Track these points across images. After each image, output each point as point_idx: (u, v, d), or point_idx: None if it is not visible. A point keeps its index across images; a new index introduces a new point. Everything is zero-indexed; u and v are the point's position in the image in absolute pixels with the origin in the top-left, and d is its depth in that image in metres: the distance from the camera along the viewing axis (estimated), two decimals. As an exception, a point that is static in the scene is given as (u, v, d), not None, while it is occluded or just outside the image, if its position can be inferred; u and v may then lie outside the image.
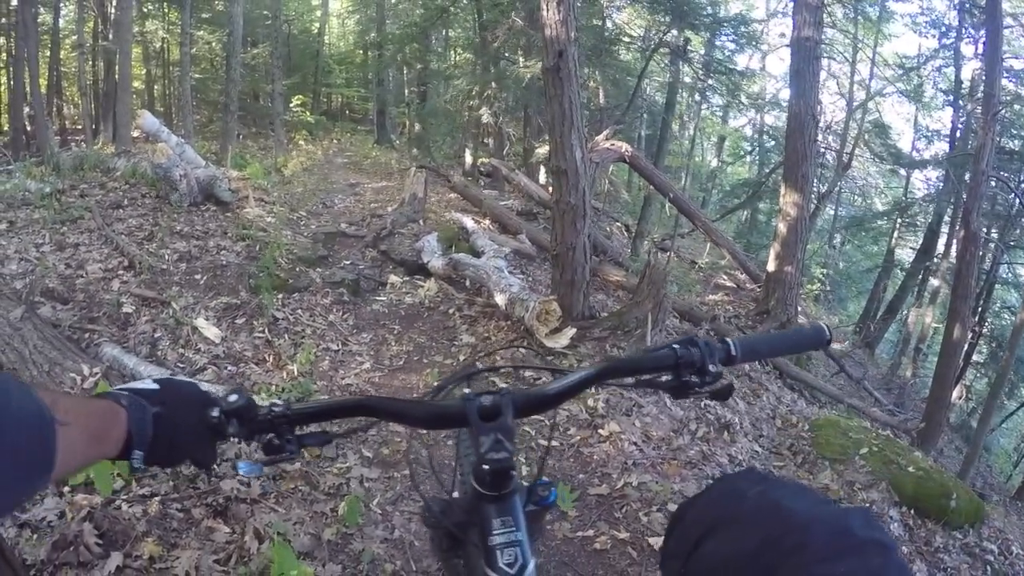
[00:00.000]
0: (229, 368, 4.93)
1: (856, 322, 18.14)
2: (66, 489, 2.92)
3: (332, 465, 3.74)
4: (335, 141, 23.86)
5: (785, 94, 20.26)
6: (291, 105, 25.47)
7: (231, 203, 8.18)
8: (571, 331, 5.55)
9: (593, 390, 4.92)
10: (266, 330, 5.49)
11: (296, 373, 4.92)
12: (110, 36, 19.25)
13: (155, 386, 1.00)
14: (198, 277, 6.17)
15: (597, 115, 14.55)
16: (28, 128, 17.54)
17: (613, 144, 10.41)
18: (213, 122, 24.27)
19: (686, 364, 1.09)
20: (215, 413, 1.01)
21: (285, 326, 5.70)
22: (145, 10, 23.78)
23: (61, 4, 20.90)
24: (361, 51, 27.80)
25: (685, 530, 0.92)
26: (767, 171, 18.87)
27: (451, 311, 6.67)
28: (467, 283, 7.05)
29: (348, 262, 7.75)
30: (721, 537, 0.85)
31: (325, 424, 1.18)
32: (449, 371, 5.29)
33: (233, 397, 1.02)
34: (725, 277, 12.50)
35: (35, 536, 2.62)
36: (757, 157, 24.86)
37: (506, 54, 14.83)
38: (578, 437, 4.44)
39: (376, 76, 25.41)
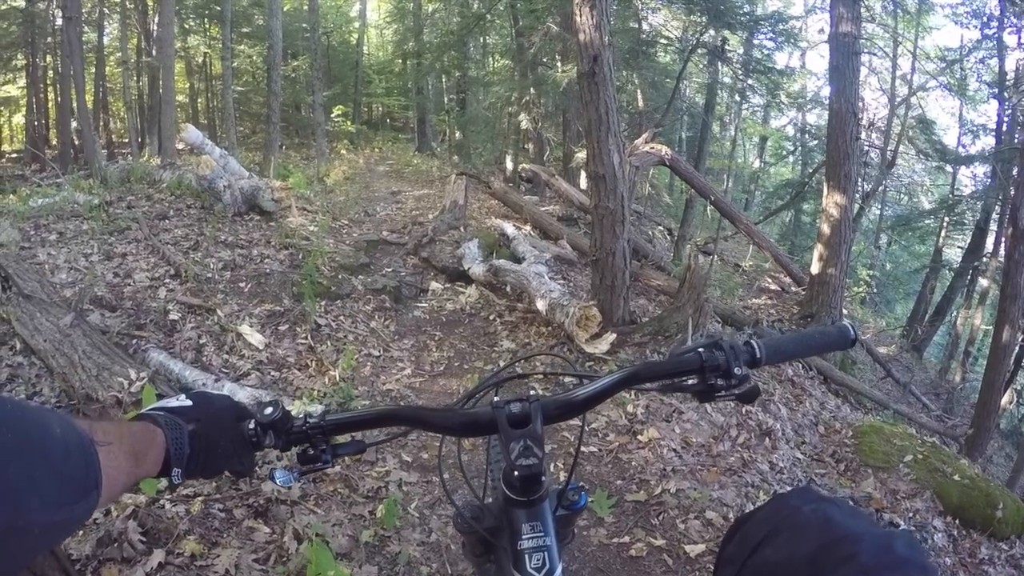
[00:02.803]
0: (272, 373, 4.99)
1: (904, 325, 17.73)
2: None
3: (371, 469, 3.76)
4: (376, 150, 24.09)
5: (826, 92, 19.95)
6: (332, 115, 25.70)
7: (274, 212, 8.28)
8: (611, 336, 5.51)
9: (633, 396, 4.89)
10: (309, 336, 5.54)
11: (338, 378, 4.95)
12: (153, 52, 19.81)
13: (189, 402, 1.02)
14: (242, 285, 6.25)
15: (636, 118, 14.46)
16: (76, 142, 18.01)
17: (653, 147, 10.34)
18: (256, 134, 24.72)
19: (711, 367, 1.09)
20: (251, 426, 1.04)
21: (327, 332, 5.75)
22: (187, 26, 24.25)
23: (105, 22, 21.40)
24: (400, 60, 27.96)
25: (743, 538, 0.95)
26: (810, 171, 18.48)
27: (492, 317, 6.69)
28: (508, 289, 7.04)
29: (390, 269, 7.80)
30: (777, 544, 0.88)
31: (359, 433, 1.17)
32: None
33: (268, 410, 1.04)
34: (769, 280, 12.43)
35: (81, 532, 2.67)
36: (800, 157, 24.47)
37: (544, 59, 14.85)
38: (617, 443, 4.41)
39: (415, 85, 25.59)
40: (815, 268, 9.24)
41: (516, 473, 0.97)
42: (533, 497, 1.00)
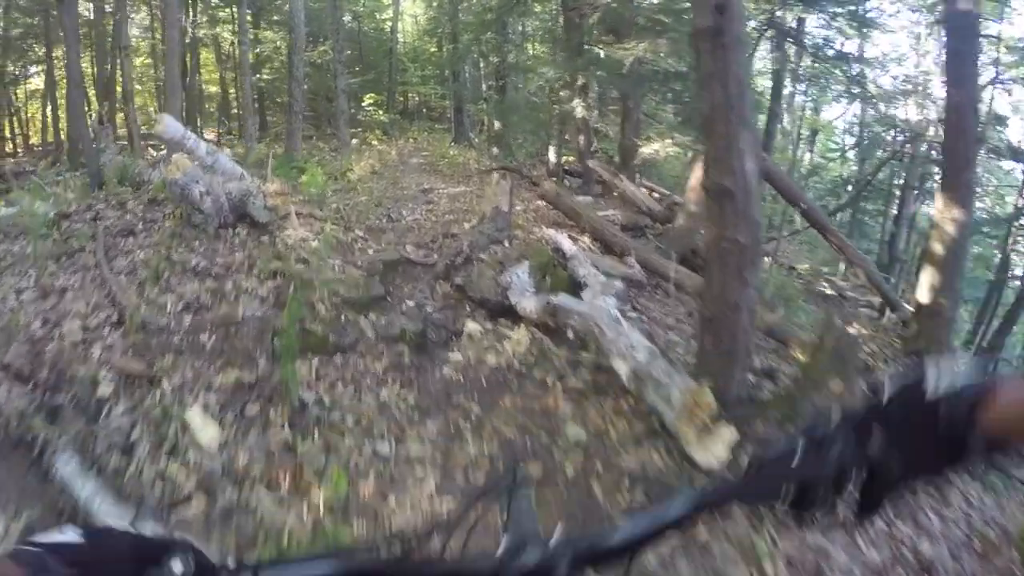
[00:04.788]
0: (227, 493, 3.29)
1: (969, 333, 15.81)
2: None
3: None
4: (411, 140, 22.75)
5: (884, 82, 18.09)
6: (363, 104, 24.99)
7: (269, 223, 6.59)
8: (729, 434, 3.60)
9: (770, 544, 3.18)
10: (287, 425, 3.81)
11: (324, 505, 3.23)
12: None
13: (78, 539, 0.72)
14: (204, 338, 4.56)
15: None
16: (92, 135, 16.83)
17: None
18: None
19: (815, 482, 0.78)
20: None
21: (316, 414, 3.97)
22: (213, 14, 24.05)
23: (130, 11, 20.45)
24: (435, 46, 26.72)
25: None
26: (871, 167, 17.04)
27: (549, 379, 4.77)
28: (570, 333, 5.21)
29: (411, 303, 5.89)
30: None
31: None
32: (552, 498, 3.51)
33: (176, 567, 0.73)
34: (825, 284, 11.46)
35: None
36: (856, 153, 22.33)
37: (594, 46, 13.07)
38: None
39: (451, 70, 24.03)
40: (924, 296, 7.47)
41: None
42: None
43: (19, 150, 23.42)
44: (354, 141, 21.40)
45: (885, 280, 11.19)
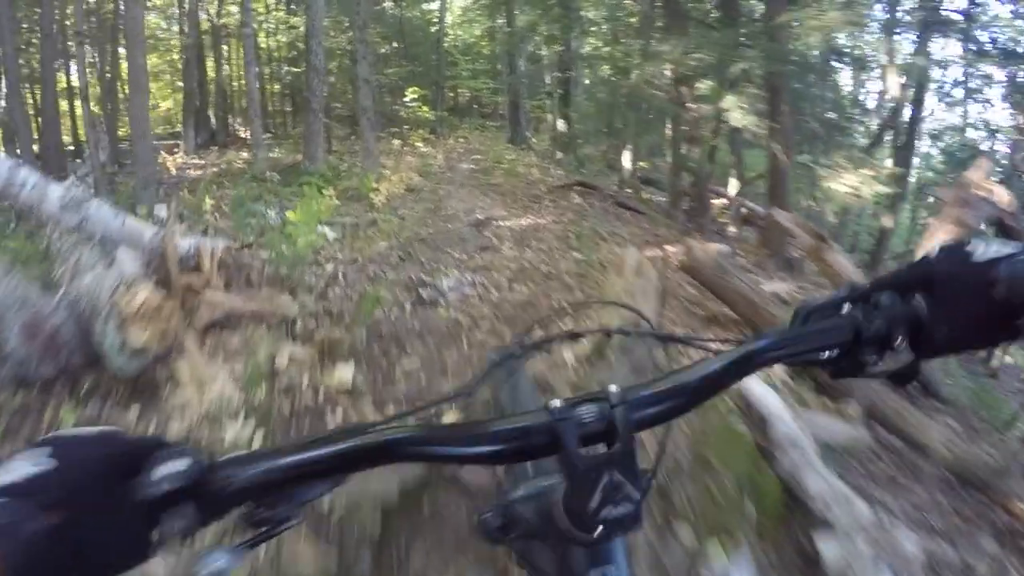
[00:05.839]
0: None
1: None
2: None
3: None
4: (461, 140, 20.86)
5: None
6: (406, 99, 23.22)
7: (144, 375, 3.06)
8: None
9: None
10: None
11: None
12: (184, 28, 18.08)
13: (50, 463, 0.51)
14: None
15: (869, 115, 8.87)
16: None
17: (989, 189, 5.16)
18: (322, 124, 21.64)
19: (871, 341, 0.73)
20: (145, 493, 0.53)
21: None
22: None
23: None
24: (485, 38, 25.53)
25: None
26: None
27: None
28: None
29: None
30: None
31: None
32: None
33: (177, 465, 0.54)
34: None
35: None
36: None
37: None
38: None
39: (507, 60, 21.45)
40: None
41: (602, 529, 0.63)
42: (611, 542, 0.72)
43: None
44: (395, 142, 18.89)
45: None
